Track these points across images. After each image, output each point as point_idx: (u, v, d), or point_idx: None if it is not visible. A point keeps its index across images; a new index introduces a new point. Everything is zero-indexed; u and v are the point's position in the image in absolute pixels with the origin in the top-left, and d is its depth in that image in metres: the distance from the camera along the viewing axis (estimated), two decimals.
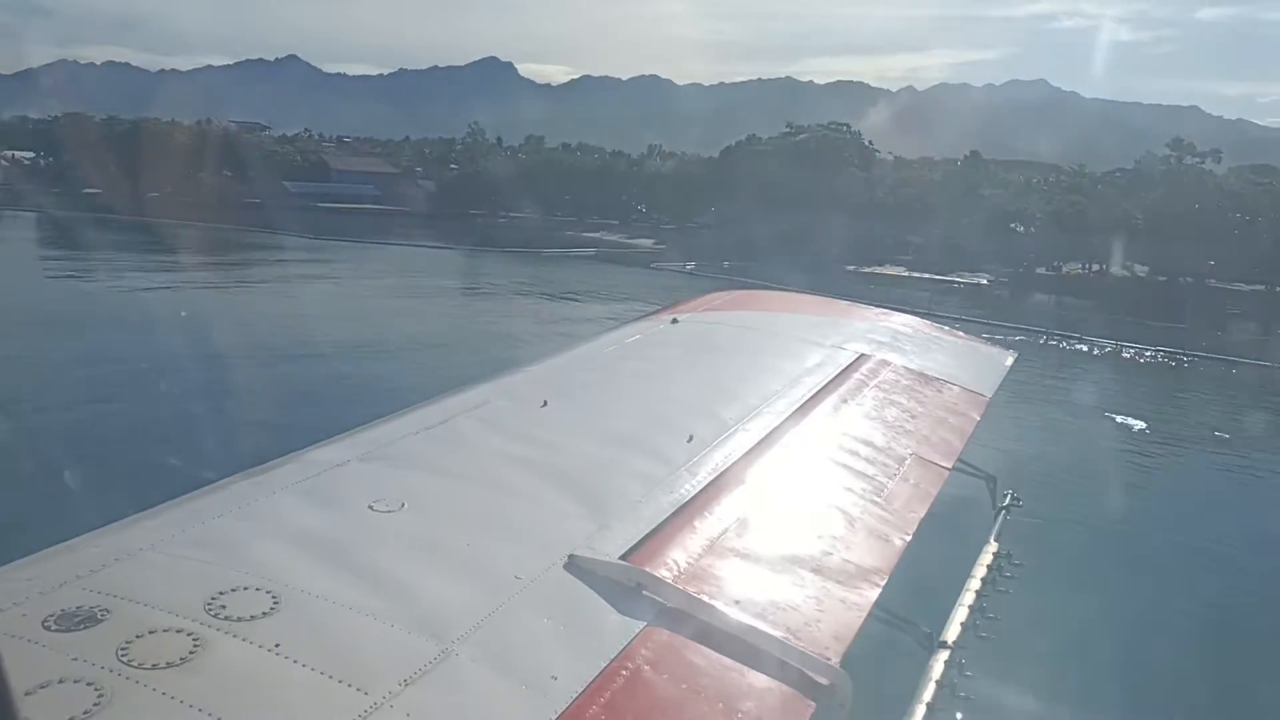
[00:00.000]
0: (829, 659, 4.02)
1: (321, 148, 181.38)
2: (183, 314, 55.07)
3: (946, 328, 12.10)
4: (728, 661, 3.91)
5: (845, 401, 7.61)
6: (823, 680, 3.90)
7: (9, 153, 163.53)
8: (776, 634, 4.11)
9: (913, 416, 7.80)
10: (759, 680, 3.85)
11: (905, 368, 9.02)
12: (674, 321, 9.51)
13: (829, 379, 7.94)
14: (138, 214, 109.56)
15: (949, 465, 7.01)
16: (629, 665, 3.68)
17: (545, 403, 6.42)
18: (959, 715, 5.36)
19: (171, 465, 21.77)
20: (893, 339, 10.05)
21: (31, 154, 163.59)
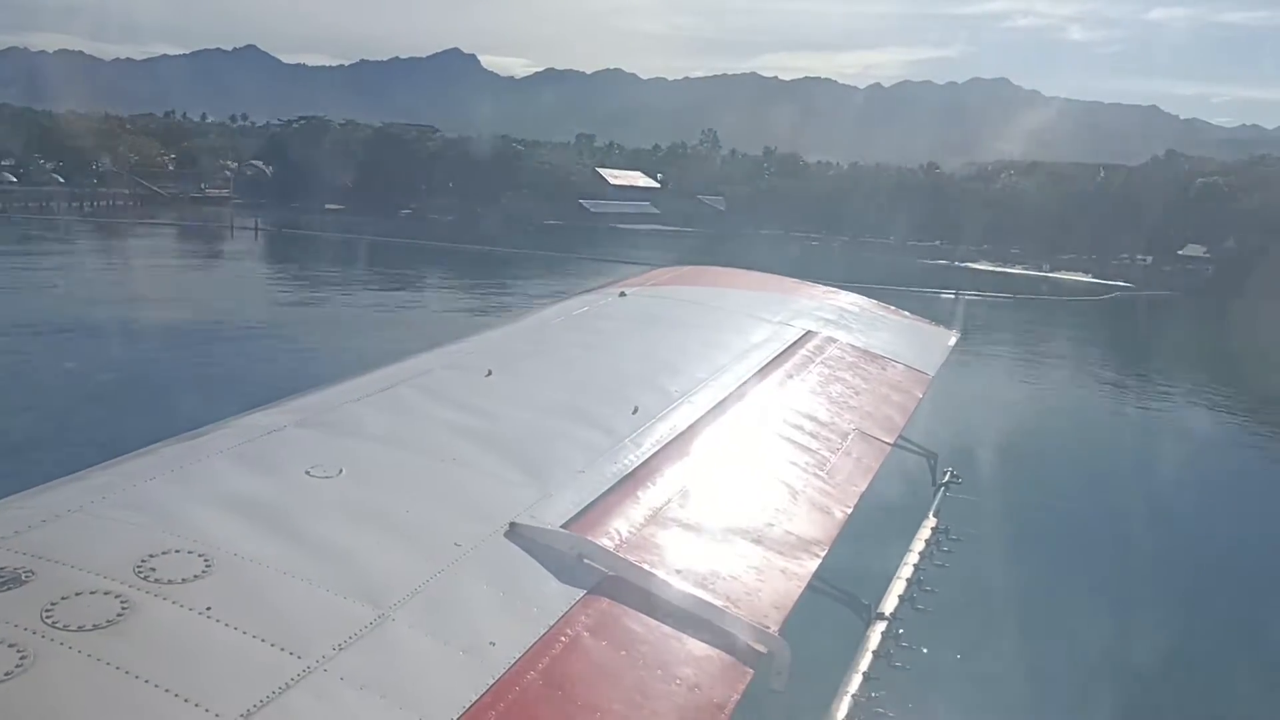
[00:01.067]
0: (768, 628, 4.06)
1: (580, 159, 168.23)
2: None
3: (892, 307, 12.21)
4: (667, 629, 3.92)
5: (791, 377, 7.66)
6: (761, 648, 3.93)
7: (232, 163, 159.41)
8: (717, 602, 4.13)
9: (856, 393, 7.88)
10: (698, 648, 3.87)
11: (851, 345, 9.09)
12: (621, 295, 9.48)
13: (775, 354, 7.97)
14: (411, 235, 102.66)
15: (891, 441, 7.09)
16: (568, 632, 3.68)
17: (490, 372, 6.37)
18: (895, 684, 5.45)
19: None
20: (839, 317, 10.13)
21: (259, 163, 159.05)
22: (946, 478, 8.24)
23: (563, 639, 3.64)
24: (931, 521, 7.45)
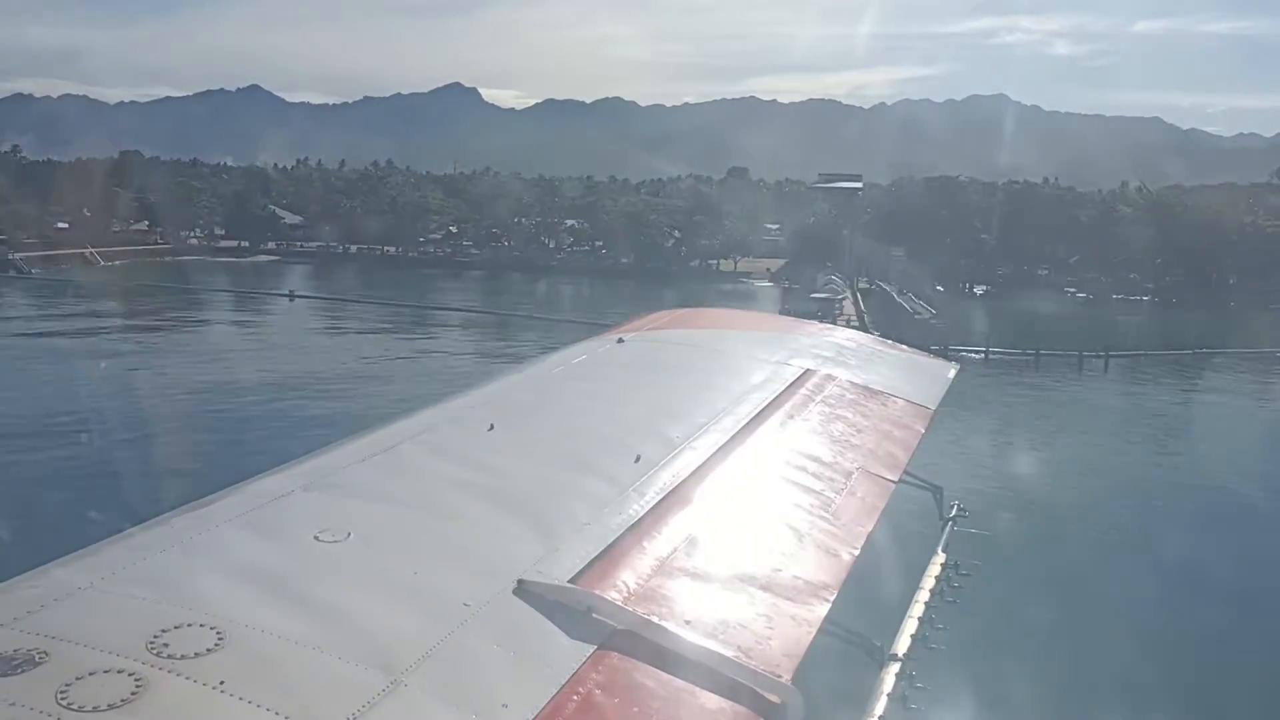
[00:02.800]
0: (780, 676, 4.04)
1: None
2: None
3: (890, 341, 12.27)
4: (679, 683, 3.91)
5: (791, 417, 7.67)
6: (774, 698, 3.92)
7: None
8: (727, 653, 4.12)
9: (858, 430, 7.88)
10: (711, 700, 3.86)
11: (850, 382, 9.11)
12: (619, 341, 9.52)
13: (775, 395, 7.99)
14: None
15: (895, 478, 7.08)
16: (580, 690, 3.67)
17: (491, 426, 6.38)
18: None
19: None
20: (837, 354, 10.16)
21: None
22: (954, 511, 8.22)
23: (575, 697, 3.63)
24: (940, 557, 7.42)
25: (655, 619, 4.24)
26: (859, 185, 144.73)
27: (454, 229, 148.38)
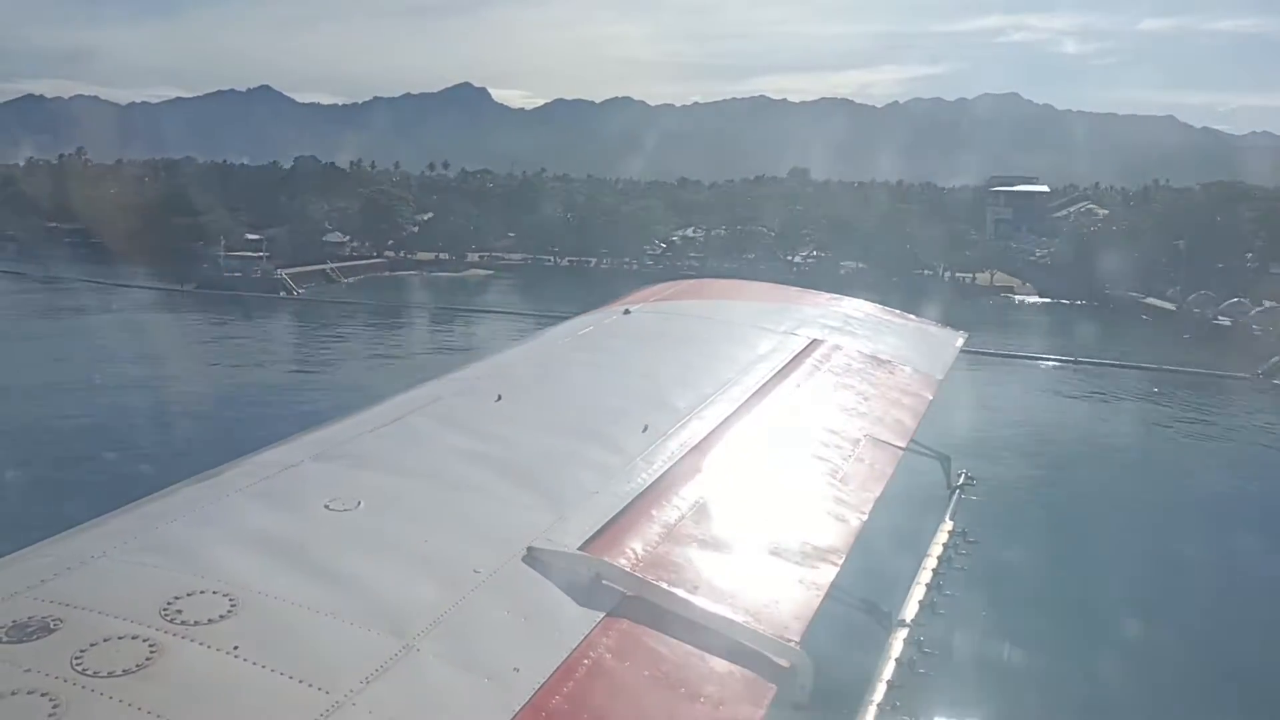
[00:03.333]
0: (789, 641, 4.07)
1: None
2: None
3: (897, 311, 12.21)
4: (688, 647, 3.93)
5: (799, 386, 7.67)
6: (783, 662, 3.94)
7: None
8: (736, 618, 4.14)
9: (866, 399, 7.89)
10: (720, 665, 3.89)
11: (858, 351, 9.11)
12: (626, 312, 9.51)
13: (782, 364, 7.99)
14: None
15: (903, 445, 7.10)
16: (590, 655, 3.70)
17: (499, 397, 6.40)
18: (919, 691, 5.44)
19: None
20: (845, 323, 10.14)
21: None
22: (961, 479, 8.23)
23: (585, 662, 3.66)
24: (948, 525, 7.44)
25: (664, 585, 4.27)
26: (1044, 188, 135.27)
27: (676, 239, 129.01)
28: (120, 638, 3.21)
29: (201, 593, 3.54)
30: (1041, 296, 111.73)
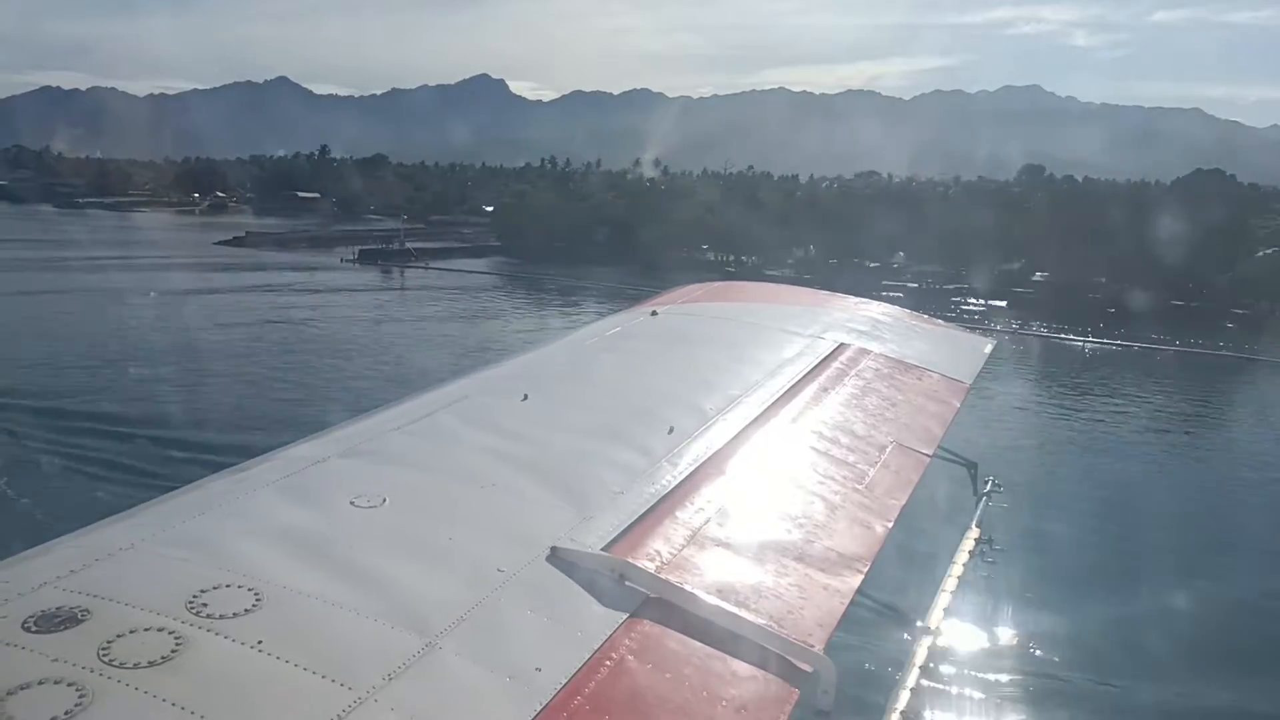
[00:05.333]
0: (812, 646, 4.04)
1: None
2: None
3: (925, 316, 12.13)
4: (711, 650, 3.91)
5: (825, 390, 7.63)
6: (806, 667, 3.92)
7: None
8: (760, 622, 4.12)
9: (893, 405, 7.83)
10: (743, 669, 3.86)
11: (885, 356, 9.04)
12: (653, 314, 9.50)
13: (809, 368, 7.95)
14: None
15: (930, 452, 7.03)
16: (613, 656, 3.69)
17: (526, 396, 6.41)
18: (942, 698, 5.39)
19: None
20: (872, 328, 10.07)
21: None
22: (988, 487, 8.16)
23: (607, 663, 3.64)
24: (974, 532, 7.38)
25: (688, 587, 4.25)
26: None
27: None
28: (146, 629, 3.24)
29: (227, 586, 3.56)
30: None
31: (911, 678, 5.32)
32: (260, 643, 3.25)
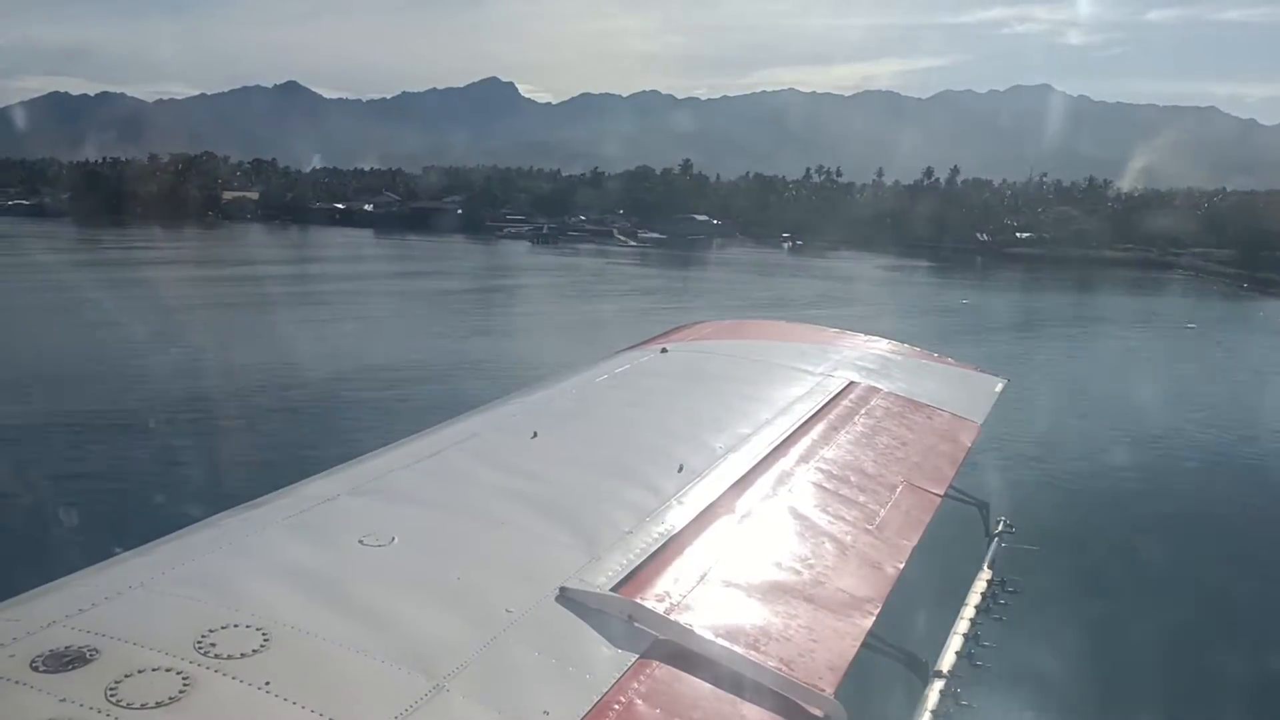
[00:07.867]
0: (823, 689, 4.00)
1: None
2: None
3: (935, 354, 12.10)
4: (721, 693, 3.88)
5: (835, 429, 7.61)
6: (817, 712, 3.88)
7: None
8: (769, 665, 4.09)
9: (903, 444, 7.80)
10: (752, 712, 3.83)
11: (895, 395, 9.02)
12: (663, 351, 9.52)
13: (819, 407, 7.94)
14: None
15: (941, 492, 7.00)
16: (622, 699, 3.66)
17: (535, 434, 6.42)
18: None
19: None
20: (882, 366, 10.06)
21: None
22: (1000, 527, 8.10)
23: (616, 706, 3.62)
24: (986, 574, 7.32)
25: (697, 629, 4.23)
26: None
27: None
28: (155, 669, 3.23)
29: (236, 626, 3.55)
30: None
31: None
32: (268, 684, 3.23)
